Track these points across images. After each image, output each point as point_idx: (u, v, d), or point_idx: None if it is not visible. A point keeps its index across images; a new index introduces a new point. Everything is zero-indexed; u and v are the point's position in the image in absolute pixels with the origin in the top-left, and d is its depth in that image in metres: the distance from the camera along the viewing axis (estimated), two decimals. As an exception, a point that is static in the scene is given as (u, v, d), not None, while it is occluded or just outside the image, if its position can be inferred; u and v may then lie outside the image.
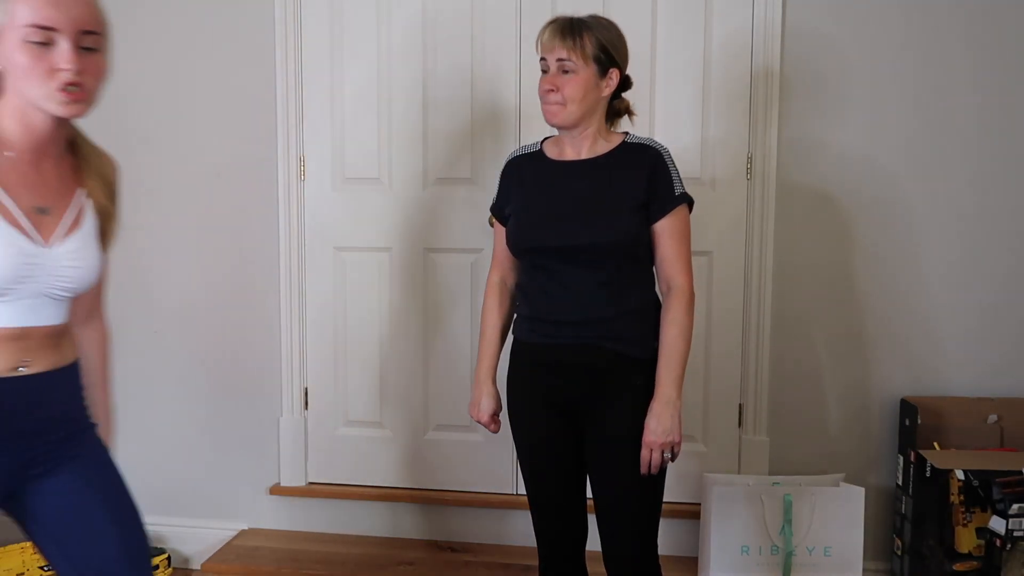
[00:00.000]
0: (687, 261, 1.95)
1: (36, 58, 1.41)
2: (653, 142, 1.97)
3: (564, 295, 1.93)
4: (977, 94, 2.62)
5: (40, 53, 1.41)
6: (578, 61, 1.89)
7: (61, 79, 1.42)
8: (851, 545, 2.57)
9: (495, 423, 2.14)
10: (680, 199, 1.93)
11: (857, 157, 2.67)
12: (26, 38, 1.40)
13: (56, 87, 1.42)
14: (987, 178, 2.64)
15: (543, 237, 1.94)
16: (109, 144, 3.17)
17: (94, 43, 1.46)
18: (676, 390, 1.89)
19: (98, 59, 1.47)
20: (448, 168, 2.88)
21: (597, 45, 1.91)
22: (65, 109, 1.44)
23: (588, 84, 1.92)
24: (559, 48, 1.90)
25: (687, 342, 1.92)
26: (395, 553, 2.86)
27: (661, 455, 1.88)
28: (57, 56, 1.41)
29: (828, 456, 2.77)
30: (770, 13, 2.65)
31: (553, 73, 1.91)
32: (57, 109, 1.44)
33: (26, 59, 1.41)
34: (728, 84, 2.70)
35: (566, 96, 1.90)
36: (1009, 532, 2.32)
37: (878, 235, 2.69)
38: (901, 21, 2.62)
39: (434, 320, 2.92)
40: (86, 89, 1.45)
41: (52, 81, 1.42)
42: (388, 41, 2.85)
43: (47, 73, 1.41)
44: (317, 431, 3.02)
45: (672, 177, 1.92)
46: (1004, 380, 2.66)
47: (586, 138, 1.96)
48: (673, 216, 1.92)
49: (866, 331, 2.72)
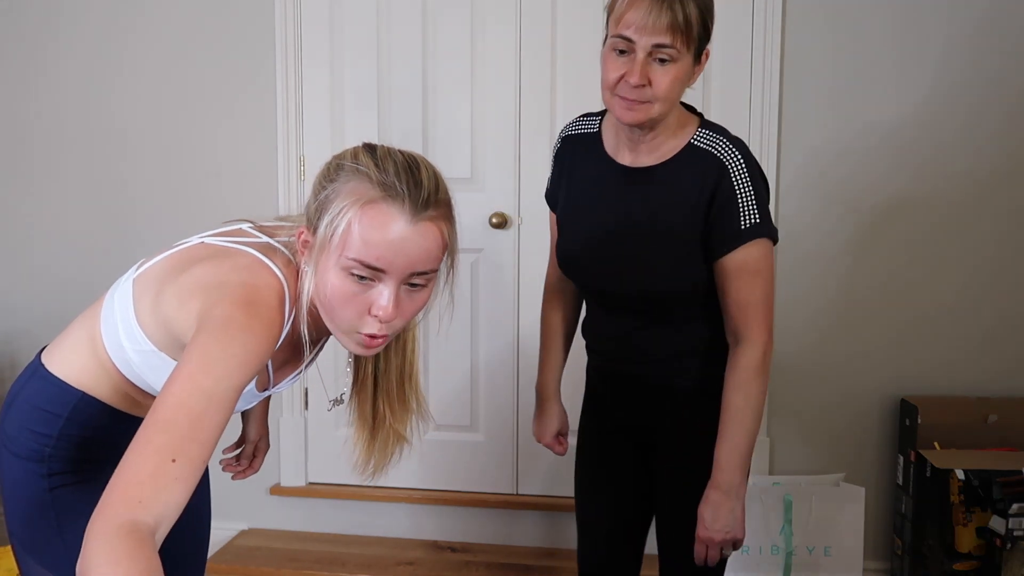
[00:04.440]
0: (762, 308, 1.53)
1: (351, 292, 1.17)
2: (722, 144, 1.53)
3: (611, 329, 1.67)
4: (977, 94, 2.61)
5: (358, 288, 1.17)
6: (682, 48, 1.45)
7: (369, 326, 1.18)
8: (851, 545, 2.57)
9: (560, 444, 1.84)
10: (748, 234, 1.50)
11: (857, 156, 2.67)
12: (349, 269, 1.16)
13: (361, 329, 1.19)
14: (987, 177, 2.64)
15: (584, 278, 1.67)
16: (109, 144, 3.17)
17: (423, 281, 1.22)
18: (741, 474, 1.54)
19: (420, 297, 1.24)
20: (448, 168, 2.86)
21: (701, 22, 1.47)
22: (359, 352, 1.23)
23: (686, 75, 1.50)
24: (660, 30, 1.43)
25: (756, 413, 1.54)
26: (395, 553, 2.86)
27: (720, 551, 1.57)
28: (375, 296, 1.17)
29: (828, 456, 2.77)
30: (770, 11, 2.65)
31: (643, 61, 1.45)
32: (352, 348, 1.23)
33: (340, 287, 1.17)
34: (728, 82, 2.70)
35: (660, 93, 1.47)
36: (1009, 532, 2.32)
37: (878, 234, 2.69)
38: (901, 21, 2.62)
39: (434, 320, 2.91)
40: (392, 333, 1.22)
41: (358, 321, 1.18)
42: (388, 41, 2.85)
43: (357, 312, 1.18)
44: (317, 431, 3.02)
45: (739, 203, 1.49)
46: (1004, 380, 2.66)
47: (655, 137, 1.55)
48: (742, 252, 1.51)
49: (866, 331, 2.72)
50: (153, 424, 1.01)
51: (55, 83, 2.98)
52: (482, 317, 2.88)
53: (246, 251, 1.26)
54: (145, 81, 2.94)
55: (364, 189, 1.16)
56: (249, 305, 1.15)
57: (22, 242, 3.06)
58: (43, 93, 2.99)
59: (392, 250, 1.15)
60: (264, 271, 1.23)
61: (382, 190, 1.16)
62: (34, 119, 3.01)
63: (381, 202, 1.16)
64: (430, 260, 1.21)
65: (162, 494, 0.97)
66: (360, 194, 1.16)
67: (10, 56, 2.99)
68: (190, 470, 0.99)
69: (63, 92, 2.98)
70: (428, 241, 1.19)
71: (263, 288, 1.20)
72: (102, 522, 0.93)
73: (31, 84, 2.99)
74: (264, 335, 1.15)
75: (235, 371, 1.08)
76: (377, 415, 1.39)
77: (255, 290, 1.19)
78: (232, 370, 1.08)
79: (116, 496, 0.95)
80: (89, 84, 2.96)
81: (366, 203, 1.15)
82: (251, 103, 2.90)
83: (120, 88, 2.95)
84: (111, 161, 2.97)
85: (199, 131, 2.95)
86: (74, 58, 2.96)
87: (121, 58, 2.95)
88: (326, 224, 1.16)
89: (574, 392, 1.88)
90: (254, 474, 1.82)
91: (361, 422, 1.41)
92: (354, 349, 1.24)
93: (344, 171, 1.19)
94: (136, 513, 0.94)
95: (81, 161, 2.99)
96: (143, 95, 2.94)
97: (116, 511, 0.94)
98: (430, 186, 1.20)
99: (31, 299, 3.03)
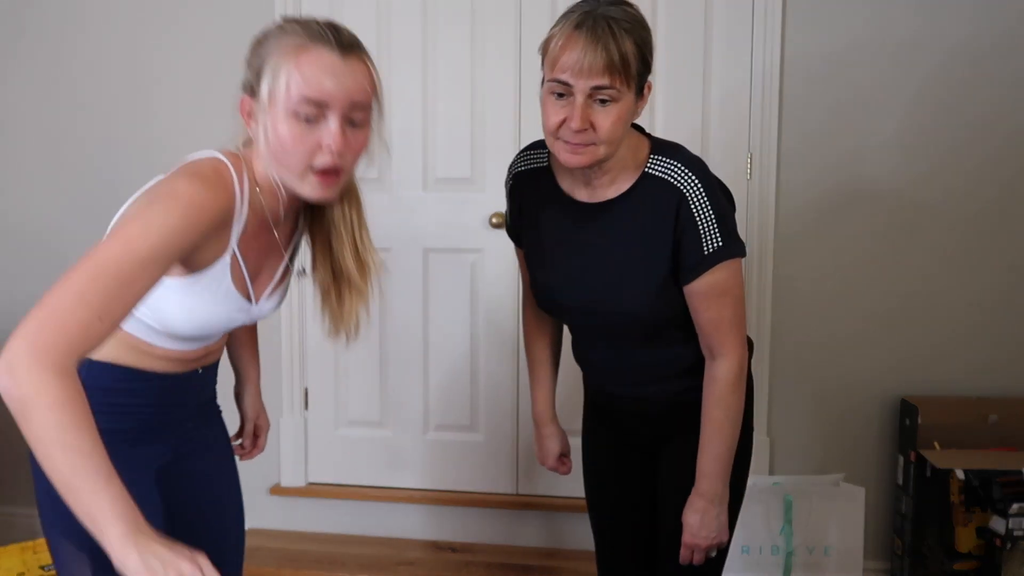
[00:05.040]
0: (733, 325, 1.56)
1: (301, 132, 1.28)
2: (677, 170, 1.51)
3: (600, 356, 1.70)
4: (977, 94, 2.61)
5: (306, 128, 1.28)
6: (622, 87, 1.41)
7: (321, 162, 1.29)
8: (851, 545, 2.57)
9: (563, 465, 1.87)
10: (711, 259, 1.50)
11: (857, 157, 2.67)
12: (295, 111, 1.28)
13: (314, 168, 1.30)
14: (988, 177, 2.64)
15: (566, 316, 1.70)
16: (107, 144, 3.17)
17: (363, 119, 1.32)
18: (723, 482, 1.59)
19: (362, 136, 1.33)
20: (448, 168, 2.88)
21: (639, 57, 1.43)
22: (317, 193, 1.32)
23: (629, 113, 1.46)
24: (597, 72, 1.38)
25: (735, 424, 1.59)
26: (395, 553, 2.86)
27: (705, 555, 1.63)
28: (324, 134, 1.29)
29: (828, 456, 2.77)
30: (770, 10, 2.65)
31: (582, 104, 1.40)
32: (309, 192, 1.32)
33: (290, 130, 1.28)
34: (728, 83, 2.70)
35: (603, 136, 1.43)
36: (1009, 532, 2.32)
37: (878, 234, 2.69)
38: (900, 22, 2.62)
39: (434, 320, 2.92)
40: (343, 171, 1.32)
41: (311, 157, 1.29)
42: (388, 41, 2.85)
43: (309, 150, 1.29)
44: (317, 431, 3.02)
45: (700, 229, 1.48)
46: (1004, 380, 2.66)
47: (606, 173, 1.53)
48: (708, 277, 1.51)
49: (866, 331, 2.72)
50: (86, 271, 1.11)
51: (58, 86, 2.98)
52: (482, 317, 2.88)
53: (192, 159, 1.37)
54: (144, 81, 2.94)
55: (293, 41, 1.30)
56: (193, 175, 1.27)
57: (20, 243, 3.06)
58: (43, 94, 2.99)
59: (331, 82, 1.28)
60: (208, 158, 1.35)
61: (309, 37, 1.30)
62: (34, 122, 3.01)
63: (311, 46, 1.29)
64: (365, 93, 1.32)
65: (85, 344, 1.09)
66: (291, 46, 1.29)
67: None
68: (111, 328, 1.13)
69: (64, 92, 2.98)
70: (360, 75, 1.32)
71: (206, 163, 1.32)
72: (33, 353, 1.05)
73: (48, 90, 2.99)
74: (210, 192, 1.26)
75: (174, 234, 1.19)
76: (339, 277, 1.47)
77: (198, 164, 1.32)
78: (169, 234, 1.18)
79: (48, 332, 1.06)
80: (88, 85, 2.96)
81: (298, 50, 1.29)
82: (251, 103, 2.90)
83: (119, 88, 2.95)
84: (107, 163, 2.96)
85: (199, 131, 2.94)
86: (74, 58, 2.96)
87: (120, 58, 2.94)
88: (266, 82, 1.30)
89: (573, 392, 1.89)
90: (260, 454, 1.84)
91: (325, 289, 1.49)
92: (310, 194, 1.33)
93: (270, 36, 1.33)
94: (65, 357, 1.06)
95: (75, 163, 2.98)
96: (143, 95, 2.94)
97: (47, 348, 1.05)
98: (350, 34, 1.36)
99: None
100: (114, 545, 1.02)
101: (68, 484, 1.04)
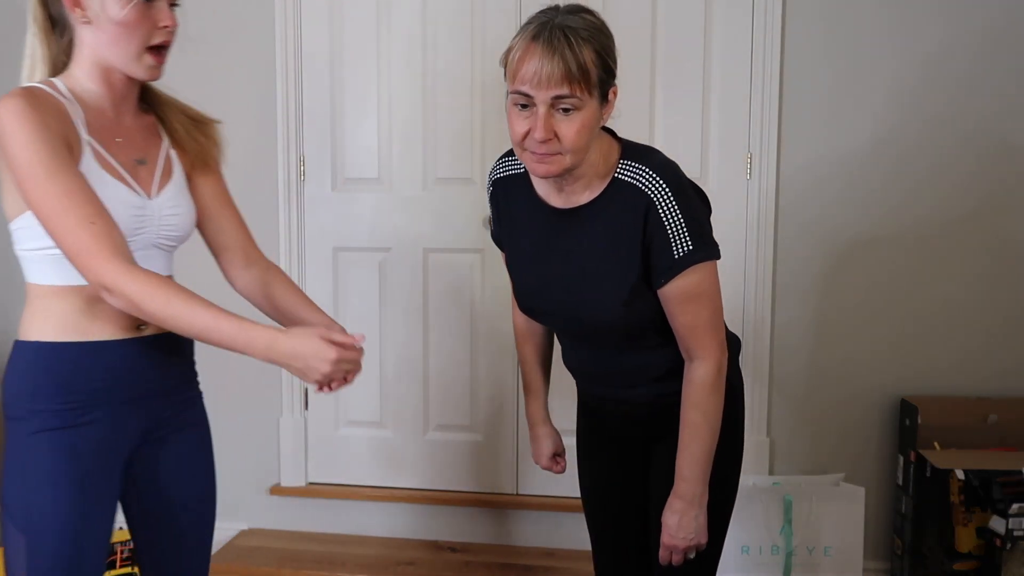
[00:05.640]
0: (710, 328, 1.56)
1: (138, 15, 1.42)
2: (645, 175, 1.51)
3: (587, 360, 1.72)
4: (977, 94, 2.61)
5: (142, 9, 1.42)
6: (583, 95, 1.41)
7: (157, 37, 1.45)
8: (851, 545, 2.57)
9: (557, 464, 1.89)
10: (681, 263, 1.50)
11: (857, 156, 2.67)
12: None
13: (151, 41, 1.45)
14: (988, 177, 2.64)
15: (548, 321, 1.74)
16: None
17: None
18: (702, 484, 1.60)
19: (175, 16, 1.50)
20: (448, 168, 2.88)
21: (600, 64, 1.43)
22: (151, 73, 1.48)
23: (594, 120, 1.46)
24: (556, 82, 1.39)
25: (713, 427, 1.58)
26: (395, 553, 2.86)
27: (683, 556, 1.64)
28: (157, 12, 1.45)
29: (828, 456, 2.77)
30: (770, 10, 2.65)
31: (545, 115, 1.42)
32: (143, 72, 1.47)
33: (127, 14, 1.41)
34: (728, 83, 2.70)
35: (568, 145, 1.44)
36: (1009, 532, 2.32)
37: (878, 234, 2.69)
38: (900, 22, 2.62)
39: (434, 320, 2.92)
40: (167, 52, 1.48)
41: (149, 36, 1.44)
42: (388, 41, 2.85)
43: (147, 30, 1.44)
44: (317, 431, 3.02)
45: (669, 234, 1.49)
46: (1004, 380, 2.66)
47: (578, 179, 1.54)
48: (679, 281, 1.52)
49: (866, 331, 2.72)
50: (55, 219, 1.33)
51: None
52: (482, 317, 2.88)
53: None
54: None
55: None
56: (7, 99, 1.35)
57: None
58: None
59: None
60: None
61: None
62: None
63: None
64: None
65: (118, 236, 1.36)
66: None
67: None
68: (105, 215, 1.35)
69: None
70: None
71: (14, 91, 1.39)
72: (105, 273, 1.32)
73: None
74: (26, 97, 1.35)
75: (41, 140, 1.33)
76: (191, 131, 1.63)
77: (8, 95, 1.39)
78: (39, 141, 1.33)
79: (92, 260, 1.32)
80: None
81: None
82: (251, 103, 2.90)
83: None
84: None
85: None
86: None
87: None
88: None
89: (567, 392, 1.91)
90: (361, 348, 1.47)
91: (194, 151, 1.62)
92: (145, 73, 1.47)
93: None
94: (114, 262, 1.33)
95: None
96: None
97: (102, 266, 1.32)
98: None
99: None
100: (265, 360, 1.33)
101: (200, 337, 1.37)
